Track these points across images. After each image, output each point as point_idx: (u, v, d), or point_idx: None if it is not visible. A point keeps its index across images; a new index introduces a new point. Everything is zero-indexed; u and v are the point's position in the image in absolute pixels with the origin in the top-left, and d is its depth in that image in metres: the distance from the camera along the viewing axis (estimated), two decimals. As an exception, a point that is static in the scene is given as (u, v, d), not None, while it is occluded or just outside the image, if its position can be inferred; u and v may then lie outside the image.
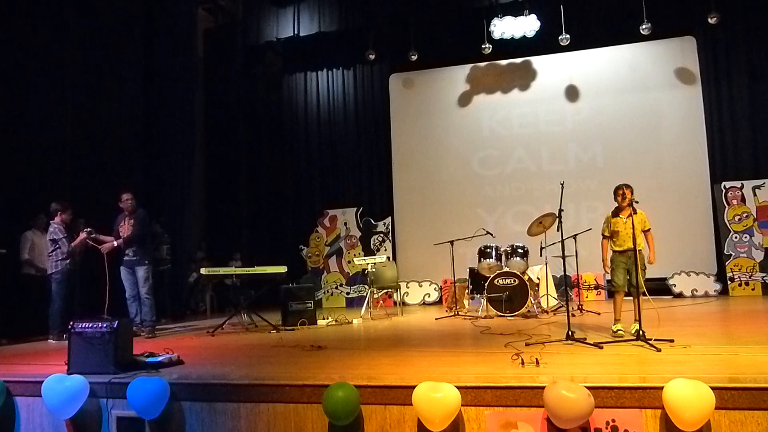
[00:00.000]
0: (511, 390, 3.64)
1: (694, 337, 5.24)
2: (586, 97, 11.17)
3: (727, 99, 10.54)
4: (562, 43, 10.32)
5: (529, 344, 5.12)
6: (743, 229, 9.92)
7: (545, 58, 11.34)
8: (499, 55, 11.13)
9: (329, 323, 7.96)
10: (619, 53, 11.07)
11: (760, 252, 9.79)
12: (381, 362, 4.74)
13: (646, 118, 10.84)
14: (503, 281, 7.94)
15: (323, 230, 11.76)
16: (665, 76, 10.84)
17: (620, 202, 5.62)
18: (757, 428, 3.28)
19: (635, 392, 3.47)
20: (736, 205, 10.02)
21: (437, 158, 11.78)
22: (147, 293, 7.22)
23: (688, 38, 10.74)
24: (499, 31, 10.46)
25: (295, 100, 12.64)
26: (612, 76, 11.05)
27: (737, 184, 10.08)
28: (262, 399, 3.99)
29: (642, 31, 10.05)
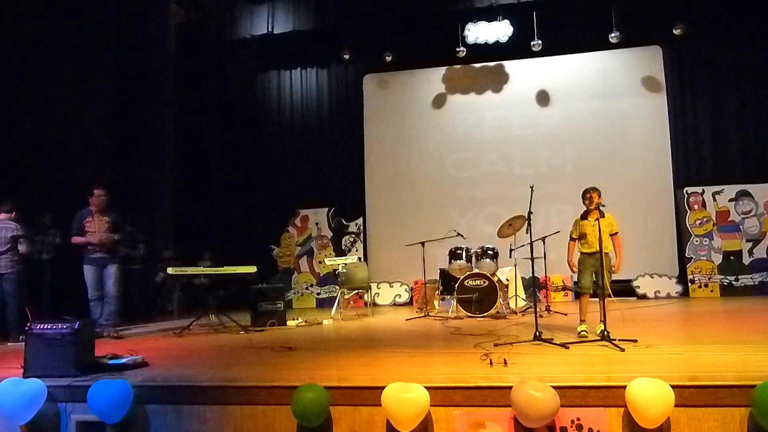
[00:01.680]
0: (479, 390, 3.68)
1: (656, 337, 5.36)
2: (557, 102, 11.33)
3: (690, 108, 10.82)
4: (534, 48, 10.48)
5: (498, 345, 5.18)
6: (703, 233, 10.18)
7: (518, 62, 11.48)
8: (473, 58, 11.22)
9: (299, 324, 7.92)
10: (589, 60, 11.26)
11: (718, 255, 10.06)
12: (351, 363, 4.74)
13: (614, 124, 11.05)
14: (473, 282, 8.01)
15: (294, 230, 11.70)
16: (633, 84, 11.07)
17: (588, 206, 5.72)
18: (713, 424, 3.38)
19: (600, 391, 3.54)
20: (697, 209, 10.28)
21: (410, 159, 11.82)
22: (115, 293, 7.07)
23: (654, 48, 10.99)
24: (474, 36, 10.58)
25: (268, 98, 12.56)
26: (582, 82, 11.24)
27: (698, 190, 10.34)
28: (229, 401, 3.95)
29: (611, 40, 10.27)
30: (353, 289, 9.23)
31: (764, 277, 9.80)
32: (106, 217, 7.12)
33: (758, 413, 3.23)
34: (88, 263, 7.05)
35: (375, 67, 11.96)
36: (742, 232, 10.04)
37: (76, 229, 7.01)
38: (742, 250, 9.99)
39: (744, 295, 9.73)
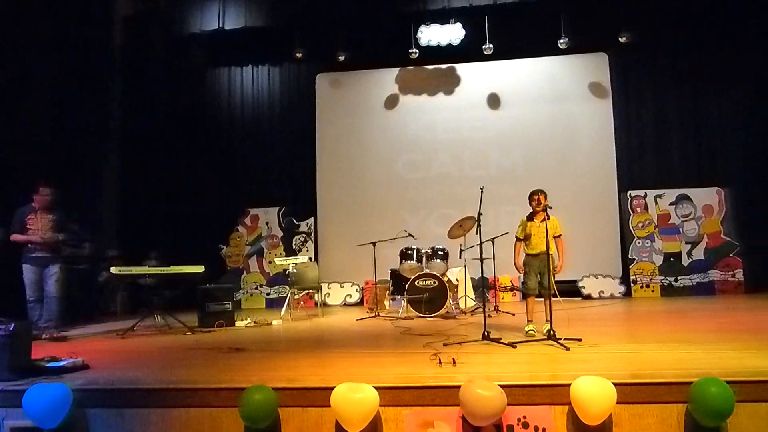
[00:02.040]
0: (429, 390, 3.70)
1: (600, 337, 5.51)
2: (508, 105, 11.53)
3: (634, 114, 11.19)
4: (486, 52, 10.64)
5: (447, 344, 5.23)
6: (645, 235, 10.54)
7: (470, 66, 11.62)
8: (425, 60, 11.30)
9: (248, 325, 7.82)
10: (539, 65, 11.50)
11: (659, 256, 10.43)
12: (301, 364, 4.70)
13: (562, 129, 11.32)
14: (424, 283, 8.07)
15: (244, 229, 11.54)
16: (580, 90, 11.37)
17: (535, 207, 5.83)
18: (653, 420, 3.50)
19: (545, 389, 3.62)
20: (639, 212, 10.63)
21: (362, 160, 11.82)
22: (56, 293, 6.81)
23: (601, 55, 11.31)
24: (426, 38, 10.67)
25: (218, 95, 12.33)
26: (531, 86, 11.46)
27: (641, 193, 10.70)
28: (175, 404, 3.86)
29: (560, 46, 10.53)
30: (303, 289, 9.17)
31: (702, 278, 10.21)
32: (51, 215, 6.87)
33: (694, 409, 3.36)
34: (28, 262, 6.78)
35: (328, 67, 11.90)
36: (682, 234, 10.44)
37: (16, 226, 6.75)
38: (682, 251, 10.39)
39: (683, 295, 10.11)
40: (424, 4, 10.38)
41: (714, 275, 10.17)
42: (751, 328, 5.92)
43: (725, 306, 8.38)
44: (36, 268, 6.79)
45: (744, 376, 3.52)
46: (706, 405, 3.28)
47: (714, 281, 10.15)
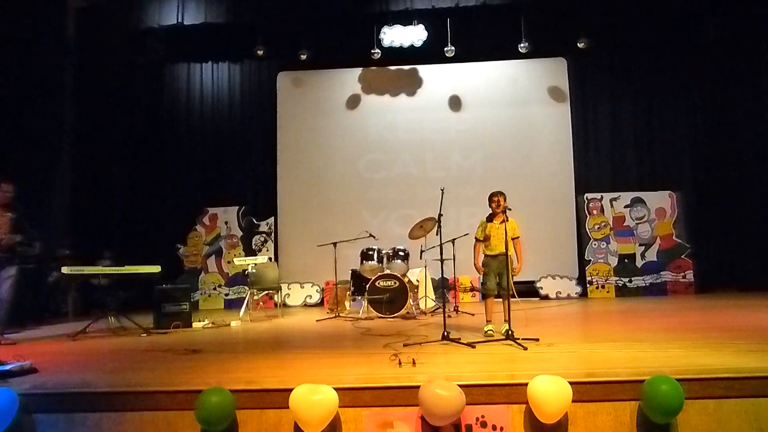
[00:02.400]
0: (388, 390, 3.70)
1: (557, 336, 5.61)
2: (469, 107, 11.64)
3: (591, 118, 11.46)
4: (448, 54, 10.72)
5: (407, 345, 5.24)
6: (601, 237, 10.79)
7: (432, 67, 11.70)
8: (388, 61, 11.33)
9: (206, 326, 7.70)
10: (500, 68, 11.66)
11: (614, 258, 10.69)
12: (259, 365, 4.65)
13: (522, 132, 11.50)
14: (384, 283, 8.08)
15: (202, 229, 11.36)
16: (539, 94, 11.57)
17: (494, 209, 5.89)
18: (607, 418, 3.58)
19: (503, 389, 3.66)
20: (596, 215, 10.87)
21: (323, 159, 11.77)
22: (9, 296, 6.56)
23: (560, 59, 11.54)
24: (389, 39, 10.72)
25: (177, 91, 12.12)
26: (492, 89, 11.61)
27: (597, 196, 10.95)
28: (128, 408, 3.76)
29: (520, 50, 10.69)
30: (263, 289, 9.08)
31: (654, 279, 10.50)
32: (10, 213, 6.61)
33: (646, 406, 3.45)
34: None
35: (289, 65, 11.83)
36: (636, 236, 10.72)
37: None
38: (636, 253, 10.66)
39: (636, 295, 10.39)
40: (386, 5, 10.40)
41: (666, 276, 10.48)
42: (699, 327, 6.11)
43: (676, 306, 8.63)
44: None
45: (693, 374, 3.62)
46: (657, 402, 3.37)
47: (666, 282, 10.46)
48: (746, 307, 7.87)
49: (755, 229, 10.36)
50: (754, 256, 10.35)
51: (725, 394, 3.54)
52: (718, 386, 3.55)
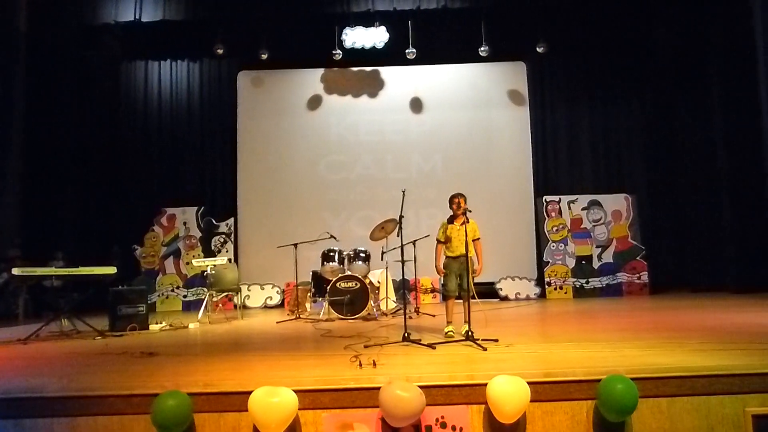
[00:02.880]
0: (348, 392, 3.69)
1: (515, 337, 5.68)
2: (430, 110, 11.72)
3: (549, 122, 11.68)
4: (409, 56, 10.78)
5: (368, 346, 5.24)
6: (559, 239, 10.98)
7: (393, 69, 11.74)
8: (349, 62, 11.33)
9: (163, 328, 7.55)
10: (461, 71, 11.77)
11: (572, 259, 10.90)
12: (217, 368, 4.59)
13: (482, 134, 11.63)
14: (345, 284, 8.06)
15: (160, 229, 11.14)
16: (499, 97, 11.73)
17: (455, 210, 5.93)
18: (564, 417, 3.63)
19: (463, 389, 3.68)
20: (554, 217, 11.06)
21: (284, 160, 11.69)
22: None
23: (519, 63, 11.73)
24: (351, 40, 10.71)
25: (134, 89, 11.87)
26: (453, 92, 11.72)
27: (556, 199, 11.14)
28: (81, 412, 3.66)
29: (480, 53, 10.82)
30: (222, 291, 8.96)
31: (610, 280, 10.74)
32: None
33: (602, 405, 3.52)
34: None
35: (250, 64, 11.72)
36: (593, 238, 10.95)
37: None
38: (593, 255, 10.89)
39: (593, 296, 10.61)
40: (348, 6, 10.39)
41: (622, 277, 10.73)
42: (653, 327, 6.28)
43: (631, 307, 8.85)
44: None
45: (646, 373, 3.71)
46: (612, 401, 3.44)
47: (621, 283, 10.71)
48: (697, 308, 8.12)
49: (705, 231, 10.70)
50: (704, 258, 10.69)
51: (677, 392, 3.63)
52: (670, 385, 3.65)
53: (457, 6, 10.39)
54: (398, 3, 10.33)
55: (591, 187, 11.38)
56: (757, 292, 9.05)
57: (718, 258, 10.37)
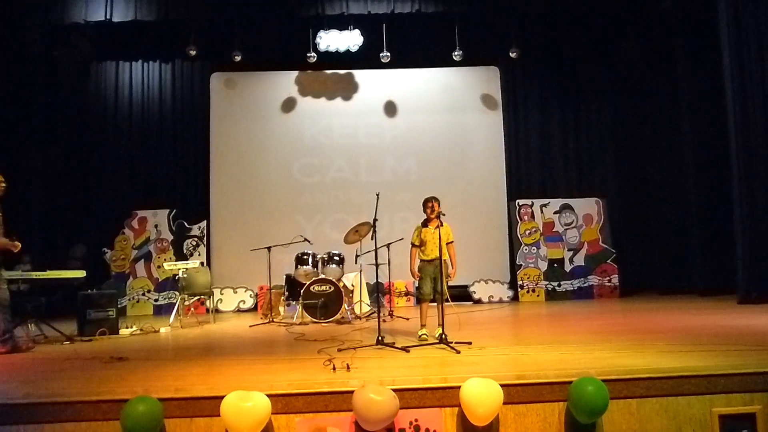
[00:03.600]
0: (321, 396, 3.68)
1: (488, 340, 5.73)
2: (403, 113, 11.76)
3: (522, 126, 11.79)
4: (383, 60, 10.80)
5: (342, 350, 5.23)
6: (532, 242, 11.09)
7: (367, 72, 11.74)
8: (323, 65, 11.28)
9: (133, 332, 7.44)
10: (434, 75, 11.83)
11: (544, 263, 11.01)
12: (189, 373, 4.53)
13: (456, 138, 11.70)
14: (319, 288, 8.04)
15: (131, 232, 10.97)
16: (473, 101, 11.81)
17: (429, 214, 5.96)
18: (536, 419, 3.67)
19: (436, 392, 3.70)
20: (527, 220, 11.17)
21: (257, 163, 11.61)
22: None
23: (493, 68, 11.84)
24: (325, 43, 10.69)
25: (104, 90, 11.66)
26: (427, 96, 11.77)
27: (528, 202, 11.26)
28: (48, 419, 3.58)
29: (454, 57, 10.88)
30: (194, 294, 8.86)
31: (582, 283, 10.88)
32: None
33: (573, 406, 3.56)
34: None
35: (223, 66, 11.61)
36: (564, 241, 11.08)
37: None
38: (564, 258, 11.02)
39: (565, 299, 10.73)
40: (322, 9, 10.37)
41: (593, 280, 10.87)
42: (623, 329, 6.37)
43: (602, 309, 8.98)
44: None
45: (616, 375, 3.77)
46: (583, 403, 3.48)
47: (593, 286, 10.85)
48: (665, 310, 8.27)
49: (673, 235, 10.91)
50: (672, 261, 10.89)
51: (646, 394, 3.70)
52: (639, 386, 3.71)
53: (431, 10, 10.44)
54: (372, 6, 10.35)
55: (563, 191, 11.52)
56: (722, 295, 9.25)
57: (685, 261, 10.57)
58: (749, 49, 8.56)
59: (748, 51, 8.57)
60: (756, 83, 8.49)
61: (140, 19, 10.31)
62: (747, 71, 8.56)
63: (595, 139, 11.81)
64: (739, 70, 8.57)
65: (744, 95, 8.54)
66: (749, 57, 8.56)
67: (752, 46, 8.55)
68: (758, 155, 8.43)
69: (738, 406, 3.69)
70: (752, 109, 8.49)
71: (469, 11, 10.69)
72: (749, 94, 8.52)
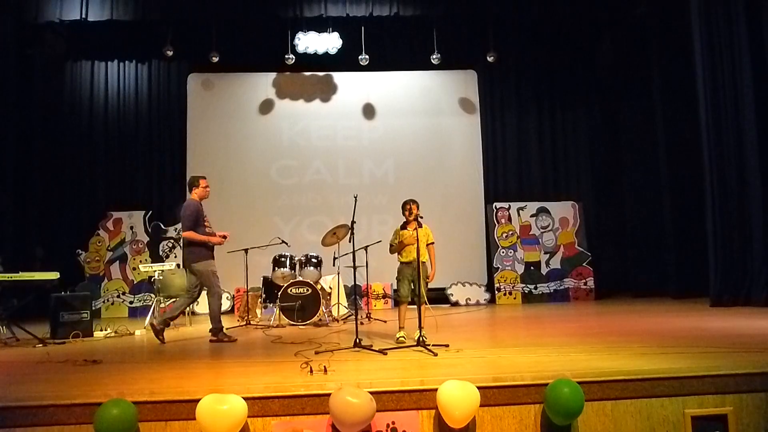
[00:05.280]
0: (298, 399, 3.65)
1: (465, 342, 5.75)
2: (382, 116, 11.77)
3: (499, 129, 11.89)
4: (362, 63, 10.81)
5: (319, 352, 5.21)
6: (509, 245, 11.17)
7: (346, 75, 11.75)
8: (302, 66, 11.26)
9: (108, 335, 7.34)
10: (413, 78, 11.87)
11: (521, 265, 11.09)
12: (164, 375, 4.47)
13: (433, 141, 11.75)
14: (296, 290, 8.00)
15: (105, 233, 10.82)
16: (451, 104, 11.88)
17: (407, 217, 5.96)
18: (512, 421, 3.69)
19: (413, 395, 3.69)
20: (504, 223, 11.25)
21: (235, 164, 11.53)
22: None
23: (471, 72, 11.92)
24: (303, 45, 10.67)
25: (79, 90, 11.52)
26: (405, 98, 11.80)
27: (505, 205, 11.34)
28: (18, 423, 3.50)
29: (432, 61, 10.94)
30: (170, 297, 8.75)
31: (558, 286, 10.98)
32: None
33: (549, 409, 3.59)
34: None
35: (200, 67, 11.53)
36: (541, 245, 11.18)
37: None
38: (541, 261, 11.12)
39: (541, 302, 10.82)
40: (300, 11, 10.36)
41: (569, 283, 10.98)
42: (598, 332, 6.44)
43: (577, 312, 9.06)
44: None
45: (592, 377, 3.80)
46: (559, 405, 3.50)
47: (569, 289, 10.96)
48: (639, 312, 8.38)
49: (647, 239, 11.08)
50: (646, 264, 11.06)
51: (621, 396, 3.74)
52: (614, 388, 3.74)
53: (409, 14, 10.49)
54: (351, 9, 10.37)
55: (540, 195, 11.63)
56: (694, 298, 9.42)
57: (659, 264, 10.74)
58: (722, 55, 8.72)
59: (721, 57, 8.72)
60: (728, 89, 8.64)
61: (116, 18, 10.20)
62: (719, 77, 8.71)
63: (572, 143, 11.94)
64: (712, 76, 8.73)
65: (716, 101, 8.69)
66: (722, 63, 8.72)
67: (724, 52, 8.70)
68: (730, 160, 8.59)
69: (710, 408, 3.74)
70: (724, 115, 8.64)
71: (447, 15, 10.76)
72: (721, 100, 8.68)
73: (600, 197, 11.76)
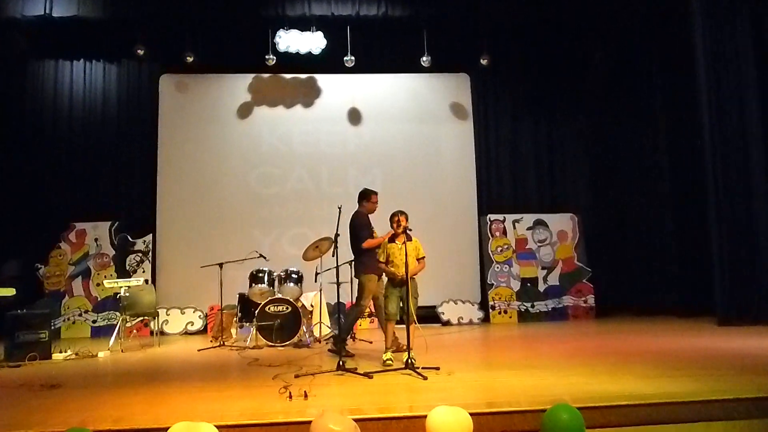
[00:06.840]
0: (276, 426, 3.63)
1: (457, 364, 5.73)
2: (368, 121, 11.79)
3: (493, 137, 11.94)
4: (348, 64, 10.83)
5: (299, 376, 5.18)
6: (504, 260, 11.18)
7: (330, 77, 11.75)
8: (283, 68, 11.25)
9: (68, 357, 7.25)
10: (401, 81, 11.91)
11: (517, 282, 11.11)
12: (130, 401, 4.43)
13: (424, 148, 11.77)
14: (275, 308, 7.96)
15: (67, 246, 10.70)
16: (442, 110, 11.92)
17: (395, 229, 5.96)
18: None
19: (401, 421, 3.67)
20: (498, 236, 11.27)
21: (210, 172, 11.47)
22: None
23: (463, 75, 11.98)
24: (285, 44, 10.66)
25: (42, 90, 11.41)
26: (393, 103, 11.83)
27: (500, 217, 11.37)
28: (-30, 453, 3.46)
29: (423, 64, 10.98)
30: (137, 315, 8.68)
31: (556, 304, 11.00)
32: None
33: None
34: None
35: (173, 68, 11.49)
36: (538, 259, 11.20)
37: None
38: (538, 277, 11.14)
39: (538, 320, 10.83)
40: (282, 9, 10.39)
41: (567, 301, 11.00)
42: (599, 352, 6.46)
43: (577, 331, 9.09)
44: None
45: (592, 402, 3.81)
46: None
47: (567, 307, 10.98)
48: (643, 332, 8.42)
49: (650, 254, 11.13)
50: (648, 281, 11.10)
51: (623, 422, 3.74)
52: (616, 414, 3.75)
53: (398, 14, 10.54)
54: (336, 8, 10.41)
55: (536, 206, 11.65)
56: (699, 316, 9.47)
57: (662, 280, 10.79)
58: (725, 62, 8.83)
59: (724, 64, 8.83)
60: (733, 97, 8.75)
61: (83, 15, 10.16)
62: (724, 85, 8.81)
63: (570, 151, 12.01)
64: (716, 84, 8.82)
65: (720, 110, 8.78)
66: (726, 70, 8.82)
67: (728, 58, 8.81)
68: (736, 172, 8.66)
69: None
70: (728, 124, 8.74)
71: (438, 15, 10.82)
72: (725, 109, 8.77)
73: (600, 209, 11.79)
